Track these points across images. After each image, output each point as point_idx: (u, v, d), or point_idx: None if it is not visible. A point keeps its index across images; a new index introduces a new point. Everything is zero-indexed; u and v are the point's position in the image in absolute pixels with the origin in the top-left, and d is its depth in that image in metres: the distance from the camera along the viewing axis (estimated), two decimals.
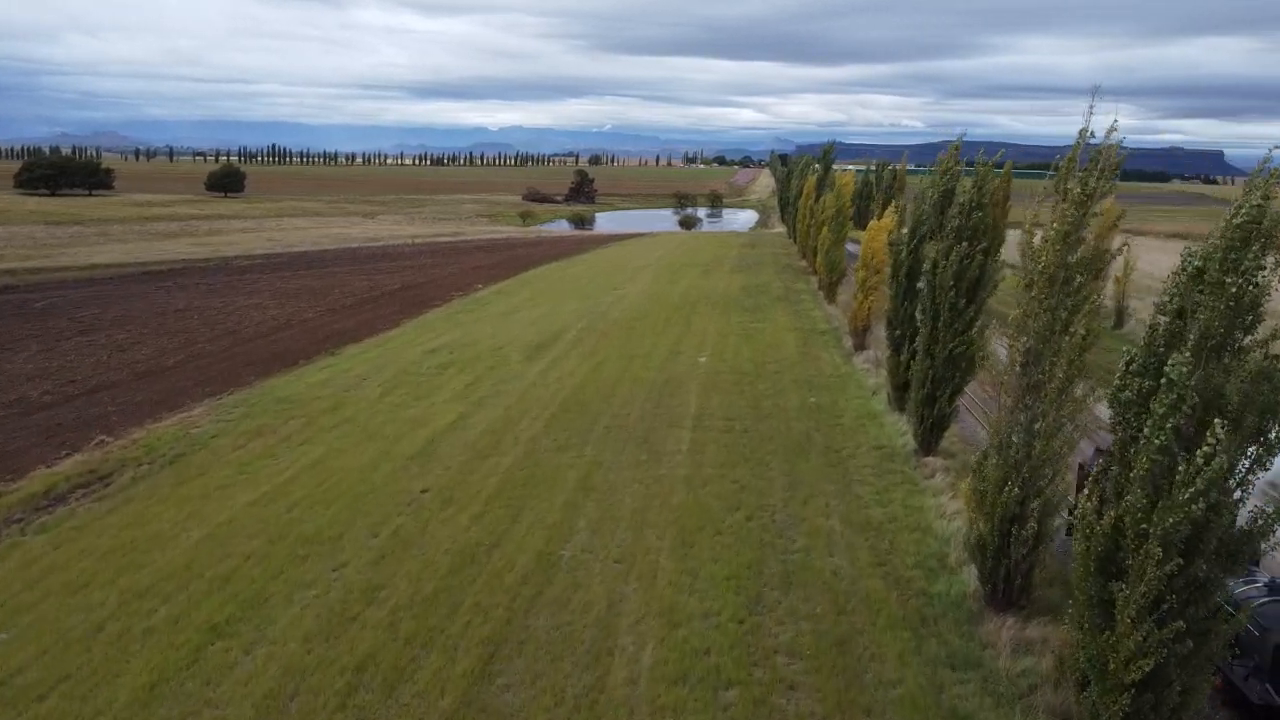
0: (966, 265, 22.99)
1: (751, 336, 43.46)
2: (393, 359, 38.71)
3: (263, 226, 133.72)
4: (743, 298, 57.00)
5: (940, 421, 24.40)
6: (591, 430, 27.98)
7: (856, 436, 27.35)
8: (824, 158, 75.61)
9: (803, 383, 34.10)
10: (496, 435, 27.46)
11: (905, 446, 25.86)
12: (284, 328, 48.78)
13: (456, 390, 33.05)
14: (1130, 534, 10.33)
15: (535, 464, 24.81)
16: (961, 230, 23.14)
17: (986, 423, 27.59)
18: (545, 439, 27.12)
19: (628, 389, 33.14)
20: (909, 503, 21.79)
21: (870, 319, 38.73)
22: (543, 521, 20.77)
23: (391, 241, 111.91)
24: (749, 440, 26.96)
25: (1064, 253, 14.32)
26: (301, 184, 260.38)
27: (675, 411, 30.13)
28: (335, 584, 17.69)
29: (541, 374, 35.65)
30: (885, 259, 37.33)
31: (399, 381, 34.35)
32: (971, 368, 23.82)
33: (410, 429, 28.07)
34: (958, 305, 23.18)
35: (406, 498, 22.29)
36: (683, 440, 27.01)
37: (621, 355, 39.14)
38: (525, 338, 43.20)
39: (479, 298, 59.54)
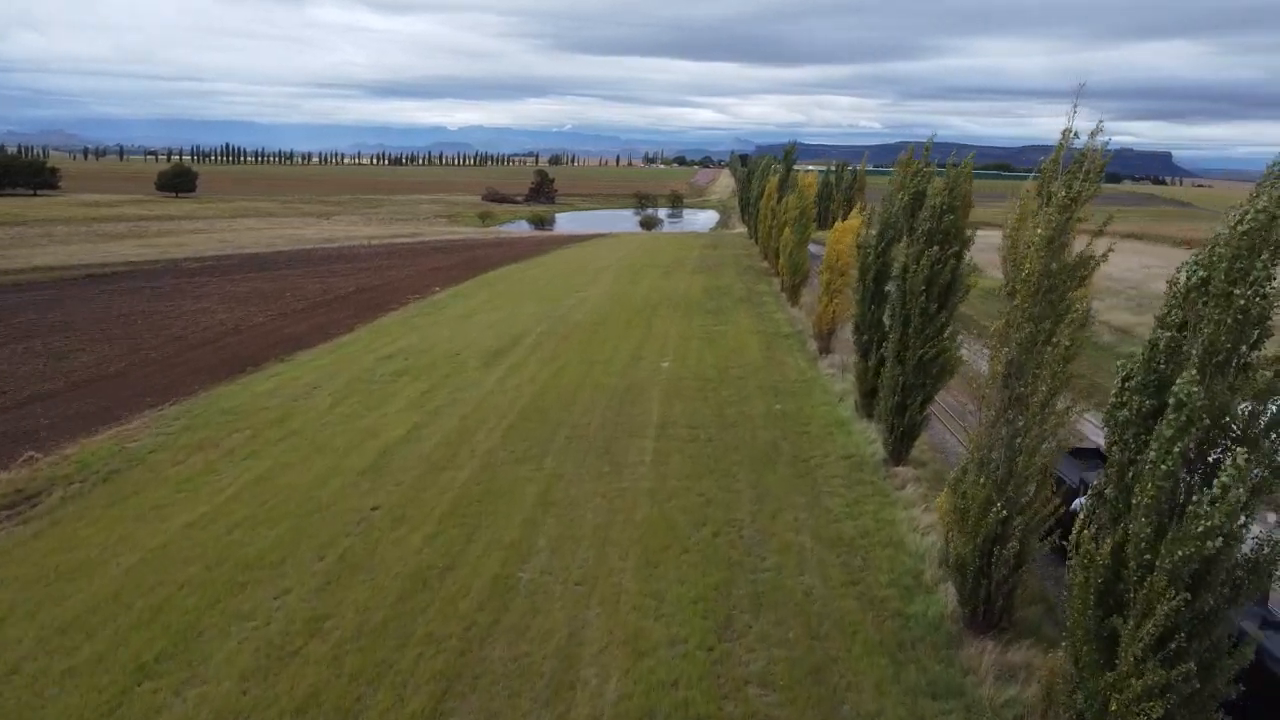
0: (938, 270, 22.31)
1: (714, 340, 42.66)
2: (345, 366, 37.36)
3: (214, 227, 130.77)
4: (705, 300, 56.23)
5: (911, 430, 23.70)
6: (551, 441, 26.95)
7: (824, 445, 26.59)
8: (786, 158, 75.08)
9: (768, 389, 33.32)
10: (452, 447, 26.33)
11: (875, 455, 25.14)
12: (233, 333, 47.14)
13: (411, 399, 31.84)
14: (1133, 565, 9.56)
15: (492, 478, 23.74)
16: (933, 234, 22.45)
17: (960, 432, 27.07)
18: (503, 450, 26.05)
19: (589, 396, 32.15)
20: (881, 516, 21.04)
21: (835, 322, 38.08)
22: (500, 541, 19.73)
23: (347, 242, 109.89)
24: (714, 450, 26.10)
25: (1049, 259, 13.57)
26: (256, 184, 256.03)
27: (638, 420, 29.19)
28: (276, 614, 16.52)
29: (500, 381, 34.53)
30: (851, 261, 36.73)
31: (351, 390, 33.06)
32: (943, 374, 23.16)
33: (361, 441, 26.84)
34: (929, 310, 22.49)
35: (355, 516, 21.12)
36: (646, 450, 26.08)
37: (582, 360, 38.13)
38: (483, 343, 42.03)
39: (436, 301, 58.19)
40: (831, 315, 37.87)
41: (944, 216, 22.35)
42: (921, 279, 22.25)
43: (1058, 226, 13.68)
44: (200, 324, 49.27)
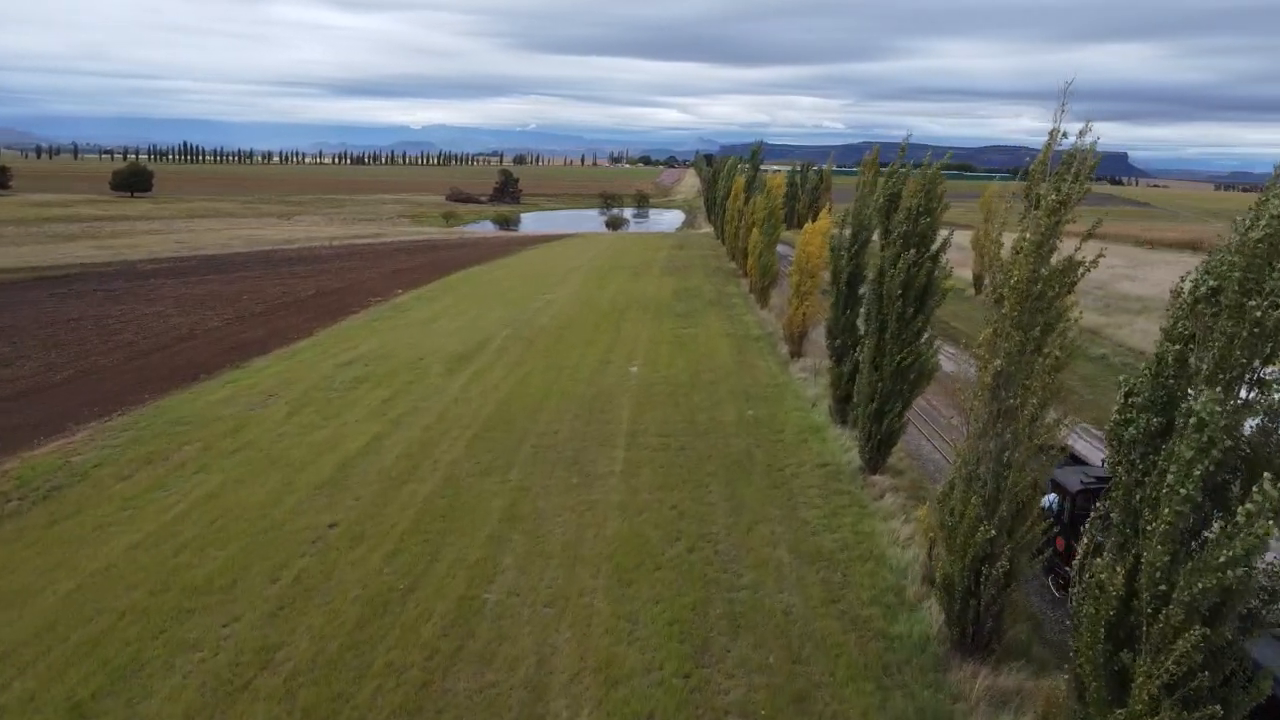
0: (914, 273, 21.74)
1: (684, 344, 41.94)
2: (303, 373, 36.16)
3: (171, 228, 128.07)
4: (674, 302, 55.53)
5: (889, 438, 23.10)
6: (518, 451, 26.06)
7: (799, 453, 25.94)
8: (753, 159, 74.63)
9: (739, 394, 32.64)
10: (414, 459, 25.35)
11: (851, 464, 24.52)
12: (187, 338, 45.65)
13: (371, 408, 30.77)
14: (1147, 596, 8.91)
15: (456, 492, 22.80)
16: (909, 236, 21.89)
17: (936, 437, 26.45)
18: (467, 462, 25.12)
19: (556, 403, 31.27)
20: (859, 528, 20.39)
21: (806, 325, 37.52)
22: (464, 560, 18.83)
23: (308, 243, 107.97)
24: (686, 459, 25.35)
25: (1038, 265, 12.95)
26: (214, 183, 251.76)
27: (607, 428, 28.38)
28: (225, 644, 15.50)
29: (464, 388, 33.54)
30: (821, 263, 36.21)
31: (309, 399, 31.90)
32: (921, 381, 22.60)
33: (319, 454, 25.77)
34: (905, 315, 21.92)
35: (311, 535, 20.10)
36: (616, 460, 25.28)
37: (549, 366, 37.24)
38: (447, 348, 40.98)
39: (399, 304, 56.95)
40: (802, 318, 37.30)
41: (920, 219, 21.80)
42: (898, 283, 21.67)
43: (1047, 230, 13.06)
44: (153, 329, 47.68)
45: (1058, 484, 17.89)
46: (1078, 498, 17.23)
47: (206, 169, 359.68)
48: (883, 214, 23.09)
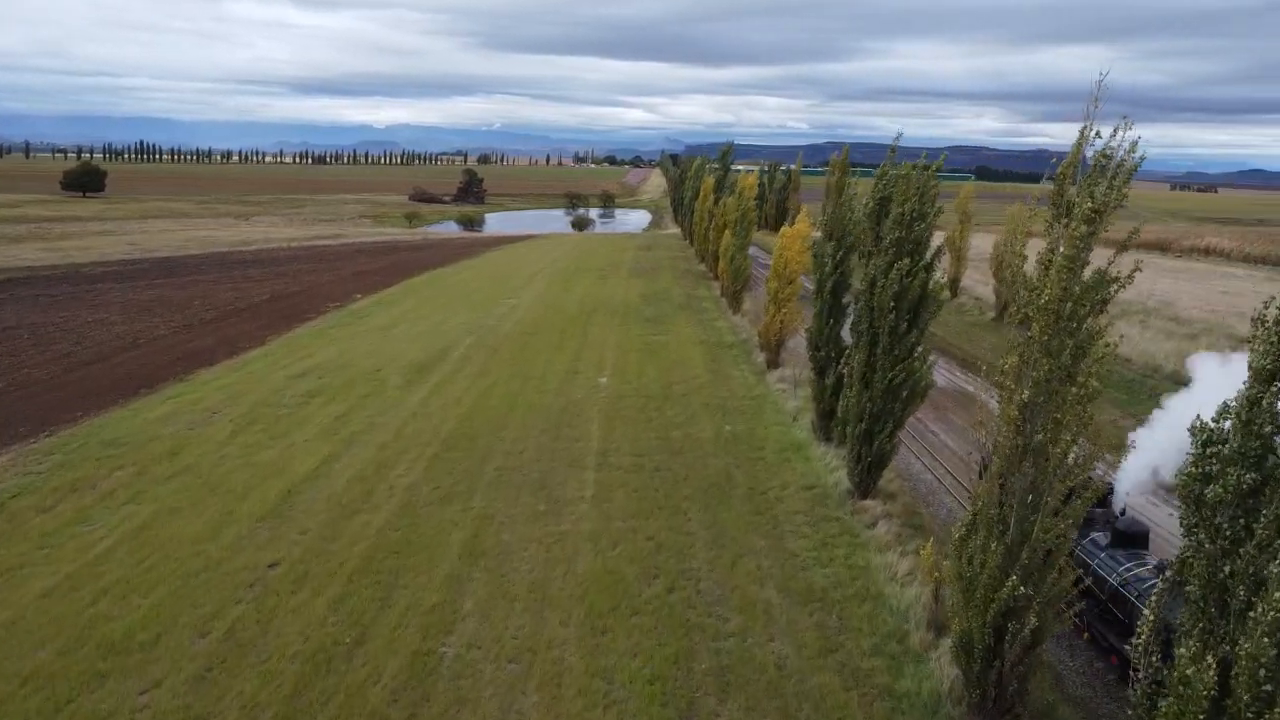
0: (908, 284, 20.18)
1: (655, 352, 40.21)
2: (252, 386, 33.95)
3: (124, 229, 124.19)
4: (643, 306, 53.79)
5: (880, 460, 21.51)
6: (480, 474, 24.17)
7: (782, 473, 24.29)
8: (723, 159, 73.12)
9: (715, 407, 30.96)
10: (368, 484, 23.37)
11: (838, 486, 22.90)
12: (130, 347, 43.13)
13: (323, 425, 28.70)
14: (1247, 698, 7.28)
15: (413, 522, 20.88)
16: (902, 244, 20.32)
17: (935, 462, 24.64)
18: (425, 486, 23.19)
19: (521, 419, 29.40)
20: (853, 561, 18.76)
21: (784, 333, 35.93)
22: (419, 604, 16.94)
23: (266, 245, 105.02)
24: (662, 482, 23.61)
25: (1070, 281, 11.34)
26: (170, 183, 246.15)
27: (576, 447, 26.56)
28: (140, 718, 13.50)
29: (423, 402, 31.55)
30: (800, 269, 34.66)
31: (256, 415, 29.74)
32: (915, 399, 21.03)
33: (263, 479, 23.70)
34: (898, 329, 20.35)
35: (249, 576, 18.09)
36: (586, 484, 23.48)
37: (514, 376, 35.33)
38: (407, 357, 38.92)
39: (357, 309, 54.66)
40: (780, 326, 35.70)
41: (914, 225, 20.24)
42: (890, 295, 20.09)
43: (1081, 242, 11.45)
44: (95, 337, 45.08)
45: None
46: None
47: (163, 168, 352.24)
48: (873, 219, 21.50)
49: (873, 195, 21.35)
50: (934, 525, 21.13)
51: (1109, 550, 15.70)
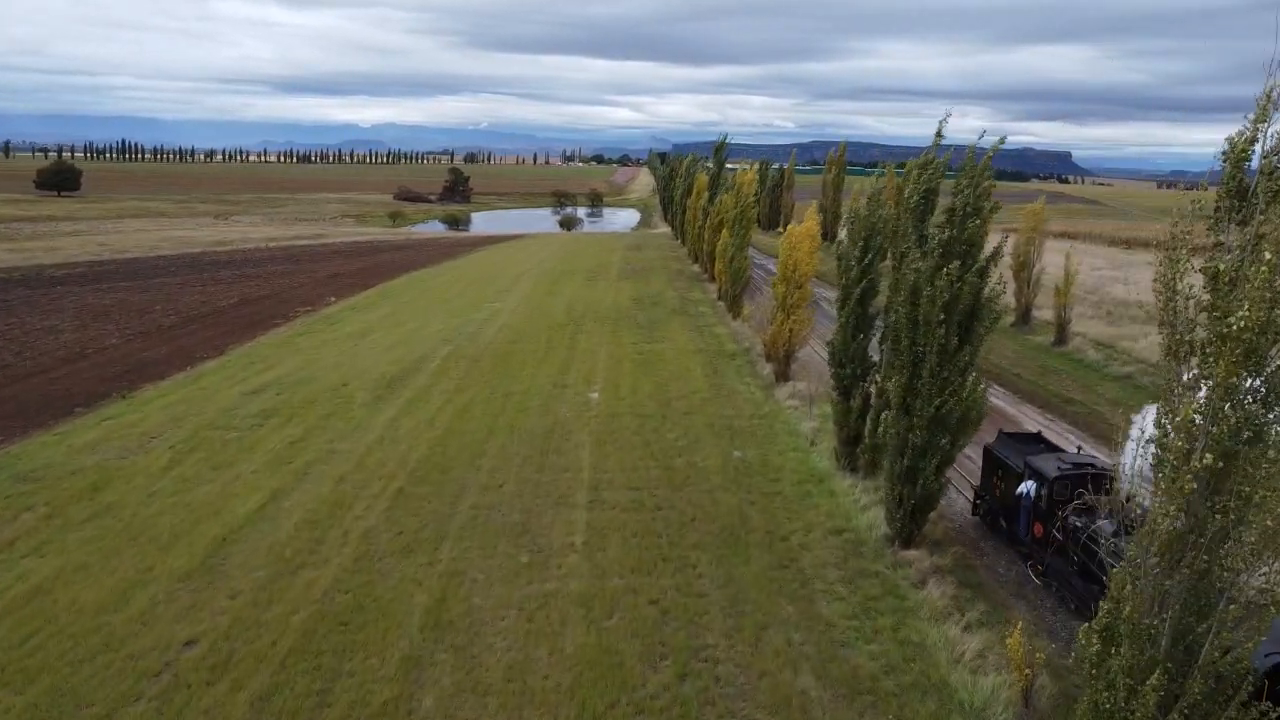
0: (959, 291, 16.80)
1: (650, 362, 36.75)
2: (200, 404, 30.32)
3: (97, 229, 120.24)
4: (634, 311, 50.30)
5: (925, 503, 18.10)
6: (451, 515, 20.66)
7: (804, 513, 20.86)
8: (716, 155, 69.60)
9: (721, 428, 27.53)
10: (318, 529, 19.83)
11: (873, 530, 19.48)
12: (77, 358, 39.43)
13: (275, 453, 25.14)
14: None
15: (367, 581, 17.36)
16: (952, 244, 16.94)
17: (964, 483, 20.74)
18: (386, 532, 19.67)
19: (501, 444, 25.90)
20: (904, 635, 15.34)
21: (793, 343, 32.53)
22: (366, 702, 13.44)
23: (243, 245, 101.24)
24: (664, 524, 20.15)
25: (1273, 304, 7.92)
26: (150, 182, 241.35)
27: (563, 479, 23.08)
28: None
29: (392, 423, 28.01)
30: (810, 271, 31.32)
31: (199, 441, 26.15)
32: (967, 429, 17.65)
33: (195, 523, 20.13)
34: (949, 346, 16.95)
35: (157, 661, 14.55)
36: (576, 527, 20.00)
37: (494, 392, 31.80)
38: (377, 369, 35.35)
39: (329, 314, 51.01)
40: (788, 336, 32.30)
41: (967, 222, 16.85)
42: (939, 305, 16.68)
43: None
44: (38, 347, 41.33)
45: (1035, 470, 17.91)
46: (1055, 484, 17.34)
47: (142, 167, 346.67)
48: (915, 215, 18.09)
49: (916, 188, 17.93)
50: (995, 585, 17.72)
51: (1116, 538, 14.75)
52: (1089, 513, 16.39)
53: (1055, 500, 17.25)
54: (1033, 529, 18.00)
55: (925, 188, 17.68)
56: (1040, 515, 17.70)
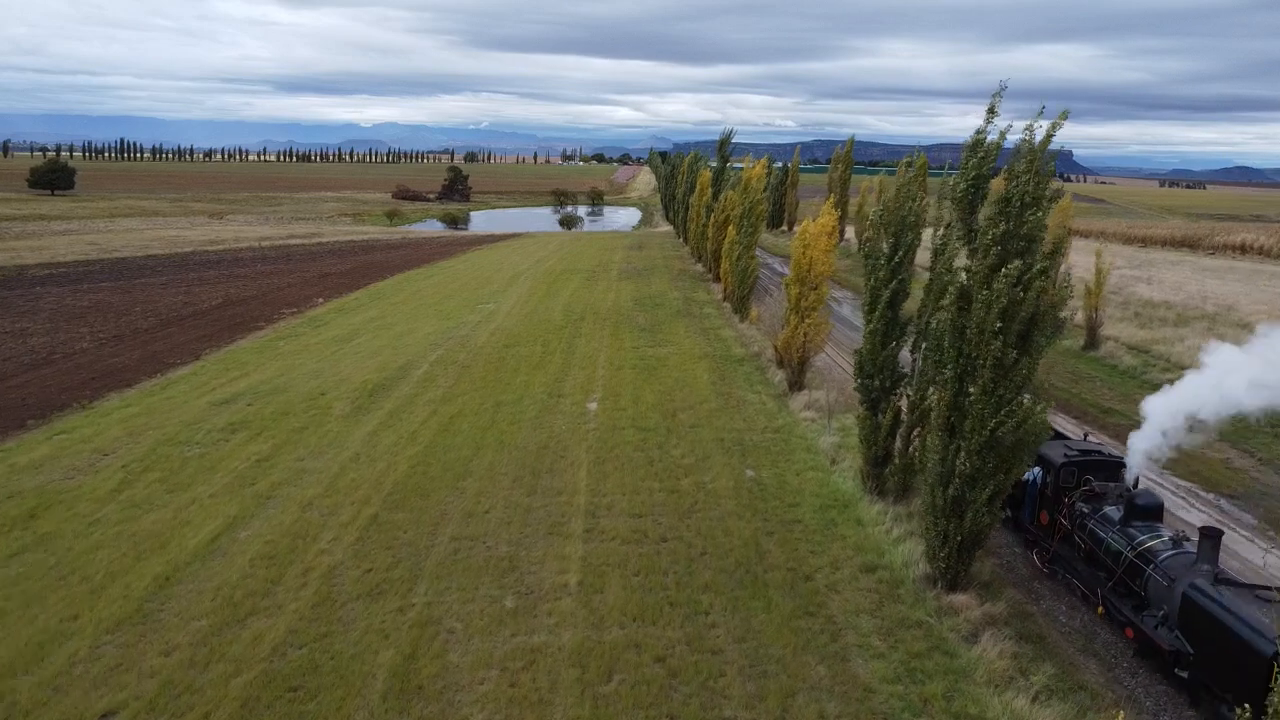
0: (1020, 295, 14.34)
1: (653, 368, 34.26)
2: (164, 416, 27.86)
3: (88, 228, 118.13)
4: (636, 312, 47.81)
5: (975, 539, 15.63)
6: (430, 548, 18.20)
7: (829, 545, 18.38)
8: (721, 148, 67.13)
9: (731, 443, 25.07)
10: (276, 566, 17.37)
11: (910, 568, 17.00)
12: (41, 364, 36.95)
13: (237, 473, 22.67)
14: None
15: (325, 634, 14.89)
16: (1009, 240, 14.48)
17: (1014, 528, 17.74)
18: (353, 569, 17.21)
19: (489, 462, 23.44)
20: (960, 708, 12.83)
21: (808, 349, 30.03)
22: None
23: (236, 244, 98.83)
24: (671, 559, 17.69)
25: None
26: (147, 180, 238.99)
27: (558, 503, 20.61)
28: None
29: (370, 438, 25.56)
30: (826, 271, 28.86)
31: (156, 459, 23.69)
32: (1022, 454, 15.16)
33: (136, 560, 17.66)
34: (1005, 359, 14.48)
35: None
36: (570, 563, 17.54)
37: (484, 402, 29.34)
38: (359, 376, 32.88)
39: (315, 316, 48.53)
40: (803, 341, 29.81)
41: (1025, 214, 14.40)
42: (996, 312, 14.22)
43: None
44: (2, 352, 38.89)
45: (1041, 457, 17.49)
46: (1061, 471, 17.11)
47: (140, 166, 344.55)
48: (964, 207, 15.61)
49: (964, 174, 15.43)
50: (1060, 639, 15.25)
51: (1123, 524, 15.77)
52: (1096, 499, 16.72)
53: (1062, 487, 17.27)
54: (1038, 516, 18.06)
55: (975, 174, 15.18)
56: (1046, 503, 17.71)
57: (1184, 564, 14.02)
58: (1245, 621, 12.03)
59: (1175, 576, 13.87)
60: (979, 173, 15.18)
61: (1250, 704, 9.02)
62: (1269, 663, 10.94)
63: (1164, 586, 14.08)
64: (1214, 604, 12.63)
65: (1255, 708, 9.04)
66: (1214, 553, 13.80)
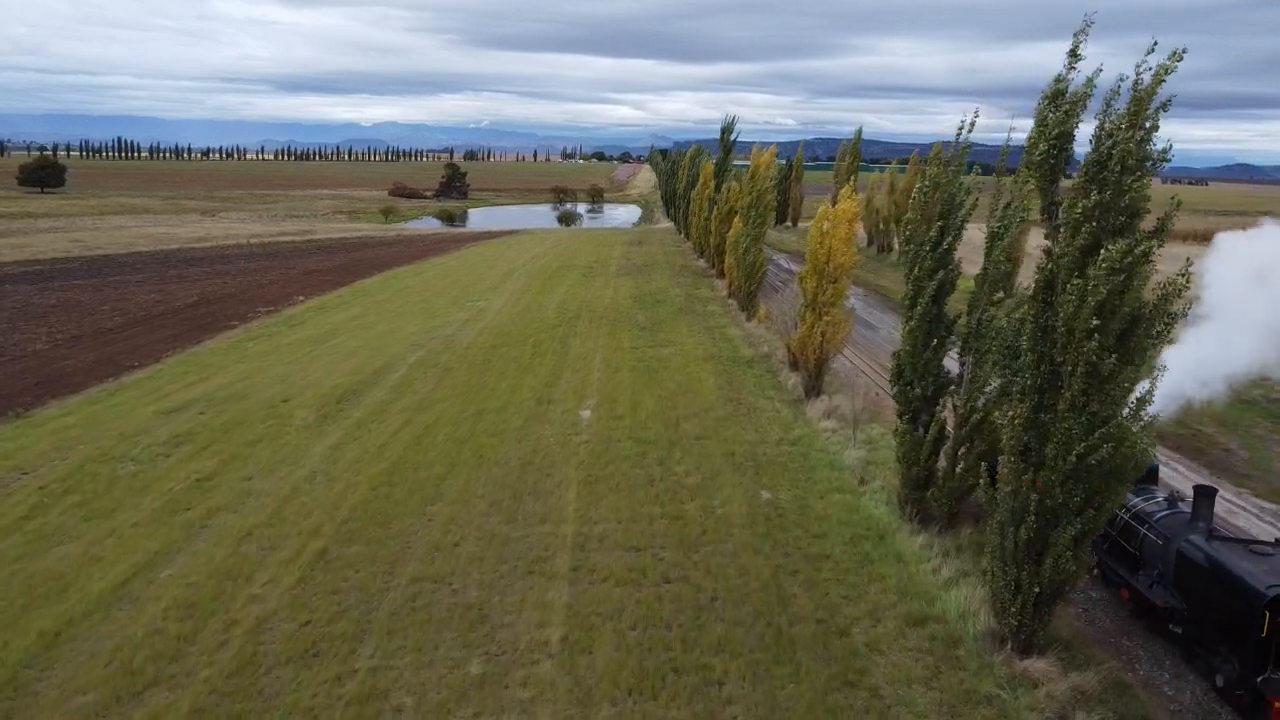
0: (1124, 285, 11.21)
1: (653, 371, 31.10)
2: (102, 427, 24.75)
3: (75, 226, 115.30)
4: (635, 310, 44.64)
5: (1056, 590, 12.48)
6: (383, 593, 15.07)
7: (865, 588, 15.23)
8: (723, 137, 63.90)
9: (743, 458, 21.92)
10: (194, 618, 14.24)
11: (969, 620, 13.83)
12: None
13: (172, 495, 19.55)
14: None
15: (238, 714, 11.76)
16: (1105, 214, 11.36)
17: None
18: (288, 623, 14.08)
19: (464, 482, 20.30)
20: None
21: (826, 350, 26.88)
22: None
23: (225, 241, 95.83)
24: (675, 607, 14.55)
25: None
26: (140, 179, 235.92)
27: (539, 534, 17.48)
28: None
29: (331, 453, 22.43)
30: (847, 262, 25.76)
31: (80, 480, 20.56)
32: (1117, 484, 12.01)
33: (24, 609, 14.53)
34: (1102, 367, 11.34)
35: None
36: (552, 613, 14.40)
37: (465, 410, 26.22)
38: (330, 381, 29.77)
39: (292, 315, 45.38)
40: (820, 341, 26.65)
41: (1128, 180, 11.28)
42: (1092, 306, 11.09)
43: None
44: None
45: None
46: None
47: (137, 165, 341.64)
48: (1044, 175, 12.43)
49: (1044, 132, 12.21)
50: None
51: None
52: None
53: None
54: None
55: (1059, 131, 12.01)
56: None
57: (1179, 523, 14.15)
58: (1239, 571, 12.22)
59: (1170, 535, 14.00)
60: (1063, 130, 12.01)
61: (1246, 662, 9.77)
62: (1263, 611, 11.51)
63: (1159, 546, 14.19)
64: (1209, 557, 12.82)
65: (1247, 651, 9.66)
66: (1208, 511, 13.98)
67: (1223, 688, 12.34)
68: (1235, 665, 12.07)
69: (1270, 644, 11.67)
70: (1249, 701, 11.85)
